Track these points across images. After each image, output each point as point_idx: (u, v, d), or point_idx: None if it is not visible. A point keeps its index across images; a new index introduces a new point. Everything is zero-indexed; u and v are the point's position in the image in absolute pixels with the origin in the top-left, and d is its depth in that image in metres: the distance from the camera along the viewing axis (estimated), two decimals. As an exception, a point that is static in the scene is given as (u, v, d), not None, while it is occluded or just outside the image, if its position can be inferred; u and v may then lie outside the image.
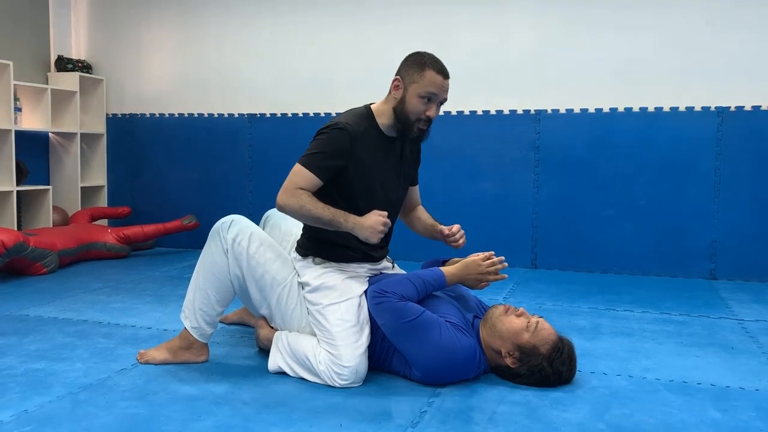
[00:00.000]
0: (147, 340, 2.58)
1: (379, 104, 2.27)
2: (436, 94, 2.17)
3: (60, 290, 3.45)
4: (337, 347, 2.08)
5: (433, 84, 2.15)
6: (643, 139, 4.00)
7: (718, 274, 3.92)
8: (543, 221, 4.21)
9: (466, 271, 2.19)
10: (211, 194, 4.89)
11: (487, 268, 2.19)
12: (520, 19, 4.20)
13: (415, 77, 2.16)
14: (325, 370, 2.08)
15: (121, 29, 5.09)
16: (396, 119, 2.21)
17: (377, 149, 2.23)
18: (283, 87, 4.70)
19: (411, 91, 2.16)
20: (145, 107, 5.07)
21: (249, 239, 2.20)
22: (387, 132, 2.25)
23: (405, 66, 2.21)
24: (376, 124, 2.24)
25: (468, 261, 2.20)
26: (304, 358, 2.13)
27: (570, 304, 3.29)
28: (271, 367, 2.21)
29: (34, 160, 4.78)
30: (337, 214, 2.10)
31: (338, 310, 2.13)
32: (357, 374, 2.08)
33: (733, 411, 1.92)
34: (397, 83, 2.20)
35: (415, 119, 2.18)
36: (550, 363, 2.04)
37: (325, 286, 2.18)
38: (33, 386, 2.06)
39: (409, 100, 2.17)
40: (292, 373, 2.17)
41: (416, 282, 2.13)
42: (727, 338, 2.69)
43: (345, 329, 2.10)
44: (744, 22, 3.82)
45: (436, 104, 2.19)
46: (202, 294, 2.23)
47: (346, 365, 2.06)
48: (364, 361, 2.11)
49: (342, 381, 2.07)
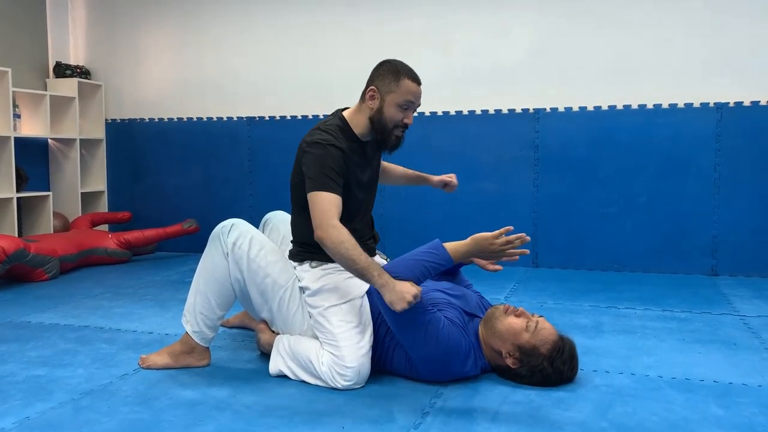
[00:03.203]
0: (148, 345, 2.58)
1: (353, 113, 2.28)
2: (412, 102, 2.20)
3: (61, 296, 3.45)
4: (340, 348, 2.07)
5: (409, 92, 2.18)
6: (642, 137, 3.99)
7: (719, 270, 3.92)
8: (543, 220, 4.21)
9: (477, 248, 2.02)
10: (211, 198, 4.90)
11: (500, 246, 1.99)
12: (517, 18, 4.20)
13: (391, 87, 2.18)
14: (327, 371, 2.07)
15: (119, 34, 5.09)
16: (374, 129, 2.23)
17: (359, 159, 2.27)
18: (282, 90, 4.70)
19: (388, 101, 2.18)
20: (144, 112, 5.07)
21: (249, 243, 2.20)
22: (361, 138, 2.27)
23: (379, 76, 2.22)
24: (354, 136, 2.25)
25: (478, 236, 2.02)
26: (307, 360, 2.13)
27: (571, 302, 3.28)
28: (272, 370, 2.21)
29: (33, 166, 4.78)
30: (371, 266, 2.00)
31: (339, 312, 2.13)
32: (360, 375, 2.07)
33: (736, 407, 1.92)
34: (373, 93, 2.21)
35: (393, 127, 2.21)
36: (551, 363, 2.03)
37: (326, 288, 2.18)
38: (35, 393, 2.06)
39: (387, 110, 2.19)
40: (293, 376, 2.17)
41: (419, 264, 2.02)
42: (729, 334, 2.69)
43: (347, 330, 2.10)
44: (741, 18, 3.82)
45: (412, 111, 2.23)
46: (202, 298, 2.24)
47: (349, 366, 2.05)
48: (367, 362, 2.10)
49: (345, 382, 2.06)
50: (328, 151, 2.15)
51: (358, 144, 2.27)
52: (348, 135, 2.24)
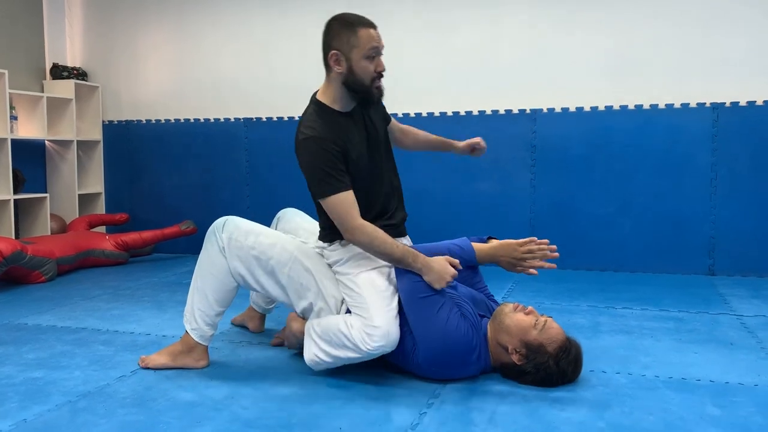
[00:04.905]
0: (146, 346, 2.58)
1: (324, 90, 2.22)
2: (377, 47, 2.14)
3: (58, 298, 3.45)
4: (369, 309, 2.08)
5: (371, 39, 2.12)
6: (639, 137, 4.00)
7: (716, 270, 3.92)
8: (541, 220, 4.21)
9: (502, 251, 2.14)
10: (208, 199, 4.89)
11: (522, 254, 2.11)
12: (514, 19, 4.20)
13: (351, 41, 2.11)
14: (357, 333, 2.07)
15: (116, 36, 5.09)
16: (353, 91, 2.17)
17: (348, 134, 2.19)
18: (279, 90, 4.70)
19: (354, 58, 2.12)
20: (141, 113, 5.07)
21: (245, 234, 2.22)
22: (344, 110, 2.21)
23: (334, 37, 2.14)
24: (336, 112, 2.19)
25: (506, 242, 2.14)
26: (337, 332, 2.11)
27: (569, 302, 3.29)
28: (307, 358, 2.18)
29: (30, 168, 4.78)
30: (407, 253, 2.09)
31: (369, 277, 2.15)
32: (389, 336, 2.07)
33: (733, 407, 1.92)
34: (336, 57, 2.13)
35: (370, 80, 2.15)
36: (556, 362, 2.04)
37: (355, 257, 2.19)
38: (32, 395, 2.06)
39: (357, 67, 2.13)
40: (328, 357, 2.14)
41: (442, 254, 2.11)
42: (726, 334, 2.69)
43: (376, 293, 2.12)
44: (737, 18, 3.83)
45: (380, 56, 2.16)
46: (200, 295, 2.25)
47: (377, 326, 2.06)
48: (396, 325, 2.10)
49: (374, 343, 2.05)
50: (317, 147, 2.11)
51: (344, 117, 2.20)
52: (329, 115, 2.18)
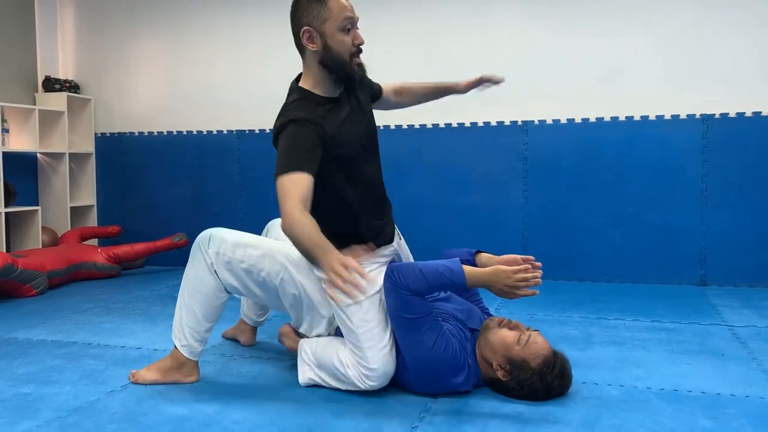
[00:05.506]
0: (137, 360, 2.56)
1: (305, 76, 2.14)
2: (352, 18, 2.03)
3: (49, 312, 3.43)
4: (363, 349, 2.07)
5: (344, 9, 2.01)
6: (630, 148, 4.02)
7: (708, 281, 3.94)
8: (532, 231, 4.22)
9: (495, 278, 2.02)
10: (201, 211, 4.88)
11: (515, 281, 2.01)
12: (505, 30, 4.23)
13: (322, 14, 2.00)
14: (354, 373, 2.09)
15: (108, 48, 5.09)
16: (331, 70, 2.06)
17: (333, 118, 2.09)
18: (272, 103, 4.65)
19: (329, 32, 2.01)
20: (134, 126, 5.06)
21: (232, 248, 2.17)
22: (329, 95, 2.12)
23: (303, 14, 2.04)
24: (321, 98, 2.10)
25: (499, 269, 2.02)
26: (333, 368, 2.13)
27: (561, 313, 3.29)
28: (302, 380, 2.21)
29: (22, 181, 4.76)
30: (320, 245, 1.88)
31: (359, 311, 2.08)
32: (386, 376, 2.09)
33: (724, 418, 1.92)
34: (309, 34, 2.03)
35: (349, 56, 2.05)
36: (540, 377, 2.03)
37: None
38: (21, 411, 2.04)
39: (333, 41, 2.02)
40: (324, 383, 2.18)
41: (431, 279, 2.03)
42: (718, 345, 2.70)
43: (368, 330, 2.09)
44: (727, 29, 3.86)
45: (356, 27, 2.06)
46: (188, 311, 2.23)
47: (372, 367, 2.07)
48: (391, 361, 2.10)
49: (371, 383, 2.08)
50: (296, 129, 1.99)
51: (331, 103, 2.11)
52: (314, 102, 2.08)
